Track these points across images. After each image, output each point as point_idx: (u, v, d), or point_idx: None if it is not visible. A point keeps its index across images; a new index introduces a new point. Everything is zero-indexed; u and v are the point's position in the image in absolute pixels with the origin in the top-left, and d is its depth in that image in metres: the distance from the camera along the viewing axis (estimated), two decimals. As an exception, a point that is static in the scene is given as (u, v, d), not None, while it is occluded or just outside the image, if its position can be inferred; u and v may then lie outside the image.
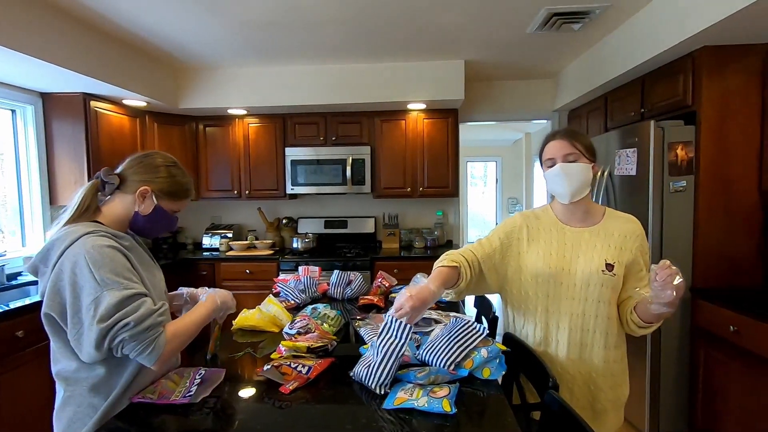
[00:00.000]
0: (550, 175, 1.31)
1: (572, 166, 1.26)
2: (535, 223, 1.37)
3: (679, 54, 2.27)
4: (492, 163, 8.79)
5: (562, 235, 1.33)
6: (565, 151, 1.28)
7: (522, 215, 1.41)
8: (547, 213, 1.39)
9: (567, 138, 1.29)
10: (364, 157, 3.58)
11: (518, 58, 3.26)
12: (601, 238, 1.30)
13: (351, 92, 3.37)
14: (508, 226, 1.39)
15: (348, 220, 3.94)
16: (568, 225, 1.34)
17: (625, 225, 1.31)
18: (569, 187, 1.26)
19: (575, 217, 1.34)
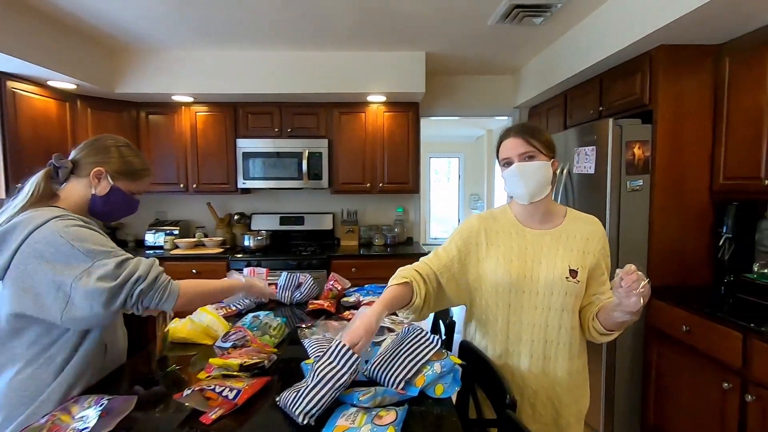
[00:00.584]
0: (507, 175, 1.21)
1: (529, 165, 1.17)
2: (493, 225, 1.27)
3: (637, 52, 2.26)
4: (454, 159, 8.82)
5: (523, 238, 1.24)
6: (520, 149, 1.18)
7: (479, 218, 1.30)
8: (506, 214, 1.30)
9: (522, 135, 1.19)
10: (322, 150, 3.41)
11: (480, 51, 3.19)
12: (563, 242, 1.22)
13: (308, 81, 3.19)
14: (465, 231, 1.28)
15: (305, 217, 3.76)
16: (528, 227, 1.25)
17: (588, 227, 1.24)
18: (527, 188, 1.18)
19: (535, 218, 1.26)
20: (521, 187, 1.18)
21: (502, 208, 1.33)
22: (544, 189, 1.20)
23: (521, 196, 1.20)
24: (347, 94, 3.24)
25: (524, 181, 1.17)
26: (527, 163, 1.17)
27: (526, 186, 1.18)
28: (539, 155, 1.19)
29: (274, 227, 3.72)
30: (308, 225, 3.74)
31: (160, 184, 3.48)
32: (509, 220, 1.28)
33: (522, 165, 1.17)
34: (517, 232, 1.25)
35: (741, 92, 2.00)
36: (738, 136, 2.01)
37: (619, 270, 1.02)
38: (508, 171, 1.20)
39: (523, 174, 1.17)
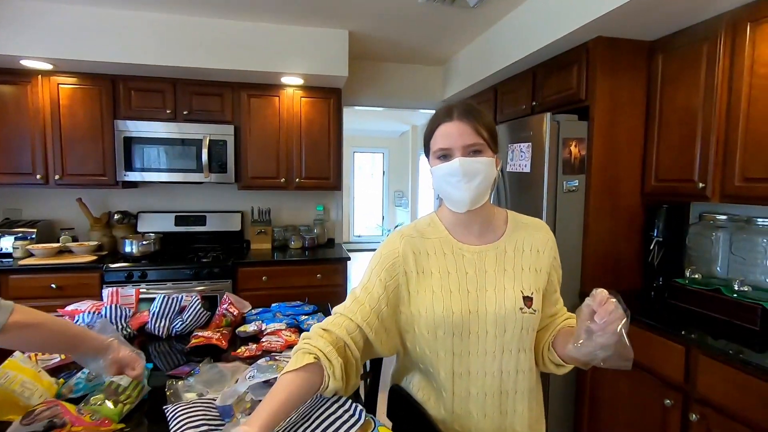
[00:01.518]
0: (443, 173, 0.90)
1: (476, 162, 0.89)
2: (422, 245, 0.95)
3: (573, 44, 2.12)
4: (378, 154, 8.59)
5: (460, 258, 0.94)
6: (467, 140, 0.89)
7: (402, 236, 0.97)
8: (436, 227, 0.99)
9: (471, 120, 0.89)
10: (226, 138, 2.89)
11: (408, 36, 2.91)
12: (510, 259, 0.95)
13: (210, 55, 2.65)
14: (388, 258, 0.94)
15: (207, 216, 3.20)
16: (465, 243, 0.96)
17: (536, 234, 0.99)
18: (469, 192, 0.89)
19: (472, 230, 0.97)
20: (462, 191, 0.89)
21: (428, 219, 1.01)
22: (487, 192, 0.93)
23: (460, 201, 0.91)
24: (258, 73, 2.77)
25: (467, 182, 0.88)
26: (474, 159, 0.89)
27: (468, 189, 0.89)
28: (486, 150, 0.90)
29: (167, 228, 3.11)
30: (211, 226, 3.19)
31: (7, 173, 2.70)
32: (441, 236, 0.97)
33: (467, 161, 0.88)
34: (453, 250, 0.95)
35: (674, 91, 1.93)
36: (671, 137, 1.95)
37: (589, 300, 0.77)
38: (446, 168, 0.90)
39: (467, 173, 0.88)
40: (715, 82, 1.72)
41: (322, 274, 2.89)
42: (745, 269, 1.66)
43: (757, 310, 1.55)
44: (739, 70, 1.64)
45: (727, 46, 1.69)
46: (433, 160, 0.94)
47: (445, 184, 0.91)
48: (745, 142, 1.62)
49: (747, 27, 1.60)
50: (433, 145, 0.93)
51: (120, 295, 1.51)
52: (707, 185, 1.76)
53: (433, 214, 1.03)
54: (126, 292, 1.53)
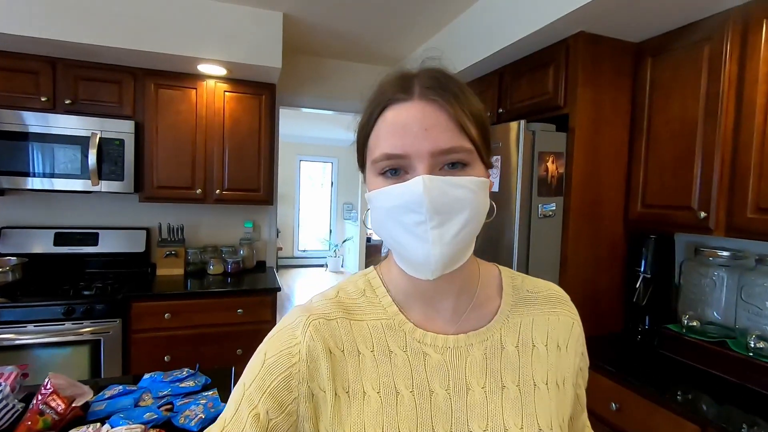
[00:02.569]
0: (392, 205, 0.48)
1: (457, 187, 0.46)
2: (346, 336, 0.52)
3: (550, 40, 1.78)
4: (328, 164, 8.09)
5: (419, 363, 0.51)
6: (441, 140, 0.46)
7: (310, 320, 0.52)
8: (375, 299, 0.55)
9: (448, 101, 0.47)
10: (124, 136, 2.29)
11: (356, 26, 2.47)
12: (513, 363, 0.53)
13: (104, 29, 2.05)
14: (277, 371, 0.49)
15: (99, 233, 2.54)
16: (430, 330, 0.53)
17: (552, 313, 0.57)
18: (443, 245, 0.46)
19: (442, 307, 0.54)
20: (426, 243, 0.46)
21: (363, 281, 0.57)
22: (472, 244, 0.51)
23: (422, 263, 0.47)
24: (168, 57, 2.20)
25: (439, 226, 0.46)
26: (452, 181, 0.46)
27: (440, 240, 0.46)
28: (475, 162, 0.48)
29: (44, 249, 2.42)
30: (105, 246, 2.54)
31: None
32: (384, 316, 0.53)
33: (439, 184, 0.45)
34: (407, 345, 0.52)
35: (666, 100, 1.62)
36: (662, 155, 1.64)
37: None
38: (397, 195, 0.47)
39: (439, 207, 0.45)
40: (720, 90, 1.43)
41: (244, 309, 2.33)
42: (758, 320, 1.35)
43: (780, 374, 1.24)
44: (752, 77, 1.34)
45: (735, 47, 1.39)
46: (371, 176, 0.50)
47: (395, 227, 0.48)
48: (761, 163, 1.32)
49: (763, 25, 1.31)
50: (372, 148, 0.50)
51: None
52: (710, 215, 1.45)
53: (372, 272, 0.58)
54: None
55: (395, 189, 0.47)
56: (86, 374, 2.06)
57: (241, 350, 2.31)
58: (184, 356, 2.22)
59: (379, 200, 0.49)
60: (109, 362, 2.08)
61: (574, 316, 0.60)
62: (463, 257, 0.50)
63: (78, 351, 2.06)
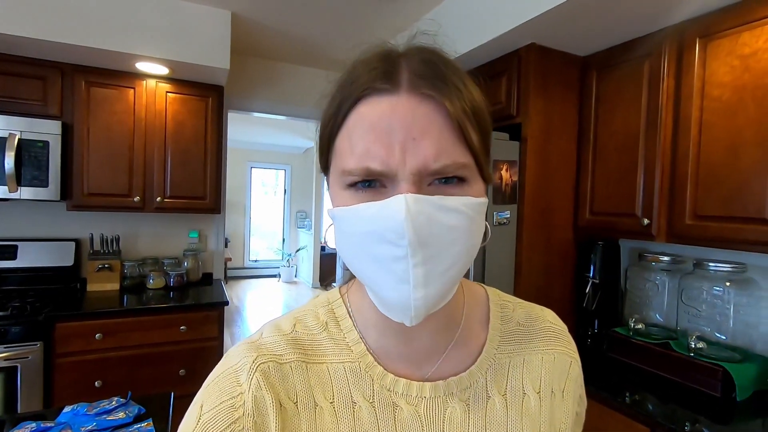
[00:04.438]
0: (365, 230, 0.37)
1: (450, 211, 0.36)
2: (300, 383, 0.42)
3: (503, 51, 1.82)
4: (281, 171, 7.88)
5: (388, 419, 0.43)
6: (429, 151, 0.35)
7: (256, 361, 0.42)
8: (339, 333, 0.46)
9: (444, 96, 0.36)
10: (49, 138, 2.06)
11: (309, 30, 2.41)
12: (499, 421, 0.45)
13: (25, 17, 1.84)
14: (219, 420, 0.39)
15: (19, 246, 2.27)
16: (402, 376, 0.44)
17: (547, 351, 0.50)
18: (427, 285, 0.36)
19: (418, 345, 0.45)
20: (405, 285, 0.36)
21: (325, 309, 0.48)
22: (460, 276, 0.40)
23: (398, 306, 0.37)
24: (101, 52, 2.02)
25: (423, 263, 0.35)
26: (443, 202, 0.36)
27: (424, 280, 0.36)
28: (474, 177, 0.39)
29: (-51, 264, 2.13)
30: (25, 260, 2.27)
31: None
32: (349, 356, 0.45)
33: (426, 206, 0.35)
34: (374, 395, 0.43)
35: (611, 113, 1.70)
36: (607, 165, 1.71)
37: None
38: (371, 217, 0.36)
39: (424, 239, 0.35)
40: (659, 104, 1.50)
41: (187, 326, 2.16)
42: (697, 321, 1.42)
43: (718, 373, 1.30)
44: (687, 92, 1.43)
45: (672, 63, 1.48)
46: (336, 187, 0.40)
47: (364, 259, 0.38)
48: (696, 174, 1.40)
49: (696, 43, 1.40)
50: (340, 153, 0.39)
51: None
52: (652, 222, 1.52)
53: (336, 298, 0.48)
54: None
55: (367, 210, 0.36)
56: (1, 409, 1.81)
57: (184, 371, 2.14)
58: (119, 381, 2.01)
59: (346, 222, 0.39)
60: (27, 392, 1.84)
61: (573, 353, 0.52)
62: (450, 295, 0.40)
63: (-11, 380, 1.81)
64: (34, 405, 1.85)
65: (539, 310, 0.54)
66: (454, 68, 0.39)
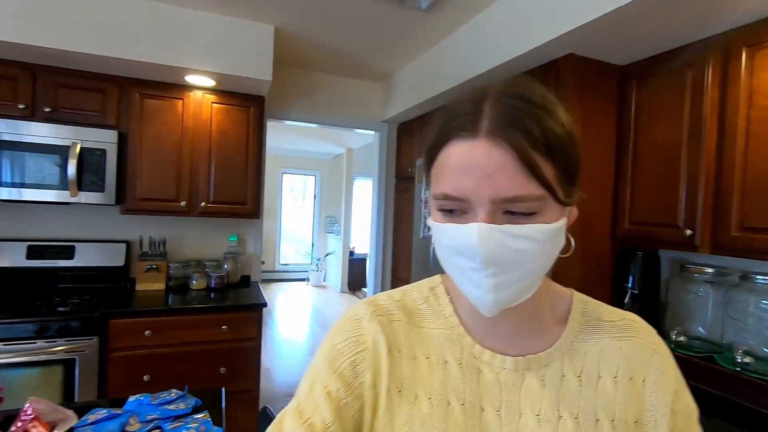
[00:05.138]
0: (448, 244, 0.47)
1: (517, 239, 0.43)
2: (406, 338, 0.53)
3: (540, 61, 1.84)
4: (311, 177, 8.05)
5: (473, 378, 0.51)
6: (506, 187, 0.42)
7: (376, 313, 0.54)
8: (438, 306, 0.56)
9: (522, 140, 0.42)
10: (107, 146, 2.21)
11: (346, 42, 2.49)
12: (573, 393, 0.49)
13: (85, 34, 2.00)
14: (346, 354, 0.52)
15: (76, 246, 2.44)
16: (487, 348, 0.52)
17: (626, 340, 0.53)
18: (497, 292, 0.45)
19: (503, 329, 0.53)
20: (480, 289, 0.45)
21: (427, 288, 0.58)
22: (534, 287, 0.48)
23: (478, 302, 0.47)
24: (154, 66, 2.16)
25: (493, 276, 0.44)
26: (512, 231, 0.43)
27: (494, 288, 0.45)
28: (548, 206, 0.45)
29: (16, 263, 2.31)
30: (81, 260, 2.43)
31: None
32: (445, 325, 0.54)
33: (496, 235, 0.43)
34: (462, 358, 0.52)
35: (651, 123, 1.68)
36: (648, 175, 1.69)
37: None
38: (452, 238, 0.46)
39: (493, 260, 0.43)
40: (703, 114, 1.49)
41: (228, 325, 2.26)
42: (743, 335, 1.39)
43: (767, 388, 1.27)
44: (733, 102, 1.41)
45: (716, 73, 1.46)
46: (432, 206, 0.49)
47: (450, 265, 0.48)
48: (743, 184, 1.38)
49: (742, 52, 1.38)
50: (434, 179, 0.48)
51: None
52: (695, 233, 1.49)
53: (438, 283, 0.59)
54: None
55: (451, 229, 0.45)
56: (59, 396, 1.94)
57: (224, 369, 2.23)
58: (165, 376, 2.13)
59: (438, 235, 0.48)
60: (84, 383, 1.97)
61: (656, 345, 0.53)
62: (524, 296, 0.47)
63: (50, 371, 1.95)
64: (90, 395, 1.98)
65: (623, 311, 0.57)
66: (532, 110, 0.44)
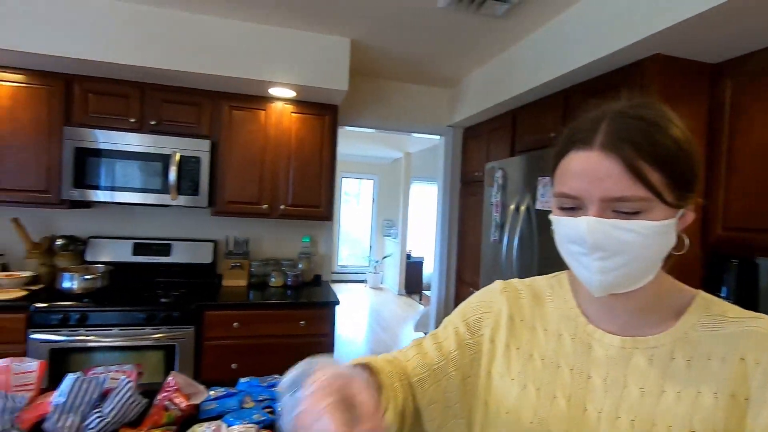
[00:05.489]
0: (562, 233, 0.56)
1: (619, 230, 0.50)
2: (529, 311, 0.65)
3: (621, 63, 1.80)
4: (368, 181, 8.22)
5: (584, 351, 0.58)
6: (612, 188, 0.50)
7: (506, 289, 0.68)
8: (561, 293, 0.65)
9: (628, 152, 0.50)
10: (201, 155, 2.45)
11: (418, 50, 2.57)
12: (680, 372, 0.53)
13: (186, 55, 2.24)
14: (476, 311, 0.68)
15: (172, 244, 2.71)
16: (600, 328, 0.59)
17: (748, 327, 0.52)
18: (602, 274, 0.52)
19: (617, 315, 0.59)
20: (588, 270, 0.54)
21: (554, 278, 0.68)
22: (643, 277, 0.53)
23: (587, 282, 0.55)
24: (243, 81, 2.37)
25: (600, 260, 0.52)
26: (616, 224, 0.50)
27: (600, 270, 0.52)
28: (654, 206, 0.50)
29: (124, 258, 2.61)
30: (177, 256, 2.70)
31: None
32: (564, 308, 0.63)
33: (600, 226, 0.51)
34: (576, 333, 0.60)
35: (748, 124, 1.59)
36: (746, 178, 1.60)
37: None
38: (565, 227, 0.55)
39: (598, 245, 0.51)
40: (812, 112, 1.39)
41: (306, 321, 2.41)
42: None
43: None
44: None
45: (828, 69, 1.37)
46: (554, 203, 0.58)
47: (564, 251, 0.57)
48: None
49: None
50: (556, 179, 0.57)
51: (13, 373, 1.02)
52: (803, 240, 1.40)
53: (563, 274, 0.68)
54: (23, 367, 1.04)
55: (566, 221, 0.54)
56: (161, 378, 2.17)
57: (302, 361, 2.37)
58: (250, 364, 2.31)
59: (557, 227, 0.58)
60: (182, 368, 2.20)
61: None
62: (632, 284, 0.53)
63: (154, 355, 2.19)
64: (187, 379, 2.19)
65: (755, 312, 0.55)
66: (643, 127, 0.51)
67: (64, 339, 2.06)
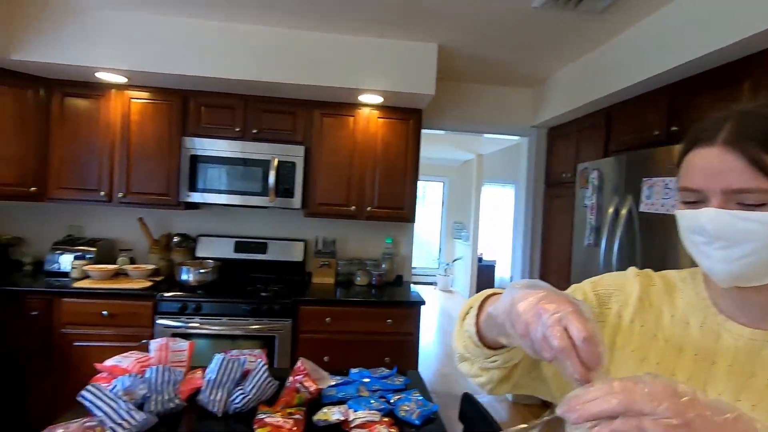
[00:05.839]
0: (685, 225, 0.58)
1: (742, 220, 0.51)
2: (659, 298, 0.66)
3: (737, 55, 1.66)
4: (437, 183, 8.22)
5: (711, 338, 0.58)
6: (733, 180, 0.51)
7: (640, 274, 0.70)
8: (693, 285, 0.65)
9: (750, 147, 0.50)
10: (296, 160, 2.63)
11: (504, 52, 2.55)
12: None
13: (283, 69, 2.43)
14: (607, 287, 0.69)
15: (268, 243, 2.93)
16: (730, 319, 0.59)
17: None
18: (725, 263, 0.53)
19: (749, 310, 0.58)
20: (711, 260, 0.54)
21: (688, 272, 0.68)
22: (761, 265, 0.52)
23: (710, 272, 0.56)
24: (335, 89, 2.51)
25: (721, 250, 0.53)
26: (737, 215, 0.51)
27: (723, 260, 0.53)
28: None
29: (226, 254, 2.87)
30: (271, 254, 2.92)
31: (73, 189, 2.59)
32: (694, 299, 0.63)
33: (721, 217, 0.52)
34: (704, 322, 0.60)
35: None
36: None
37: None
38: (687, 219, 0.56)
39: (719, 235, 0.52)
40: None
41: (393, 320, 2.49)
42: None
43: None
44: None
45: None
46: (679, 197, 0.59)
47: (688, 243, 0.58)
48: None
49: None
50: (681, 173, 0.59)
51: (170, 350, 1.19)
52: None
53: (696, 269, 0.67)
54: (177, 346, 1.21)
55: (689, 213, 0.56)
56: (263, 365, 2.36)
57: (389, 359, 2.46)
58: (340, 358, 2.43)
59: (680, 219, 0.58)
60: (280, 358, 2.37)
61: None
62: (760, 278, 0.52)
63: (255, 345, 2.38)
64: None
65: None
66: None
67: (182, 325, 2.32)
